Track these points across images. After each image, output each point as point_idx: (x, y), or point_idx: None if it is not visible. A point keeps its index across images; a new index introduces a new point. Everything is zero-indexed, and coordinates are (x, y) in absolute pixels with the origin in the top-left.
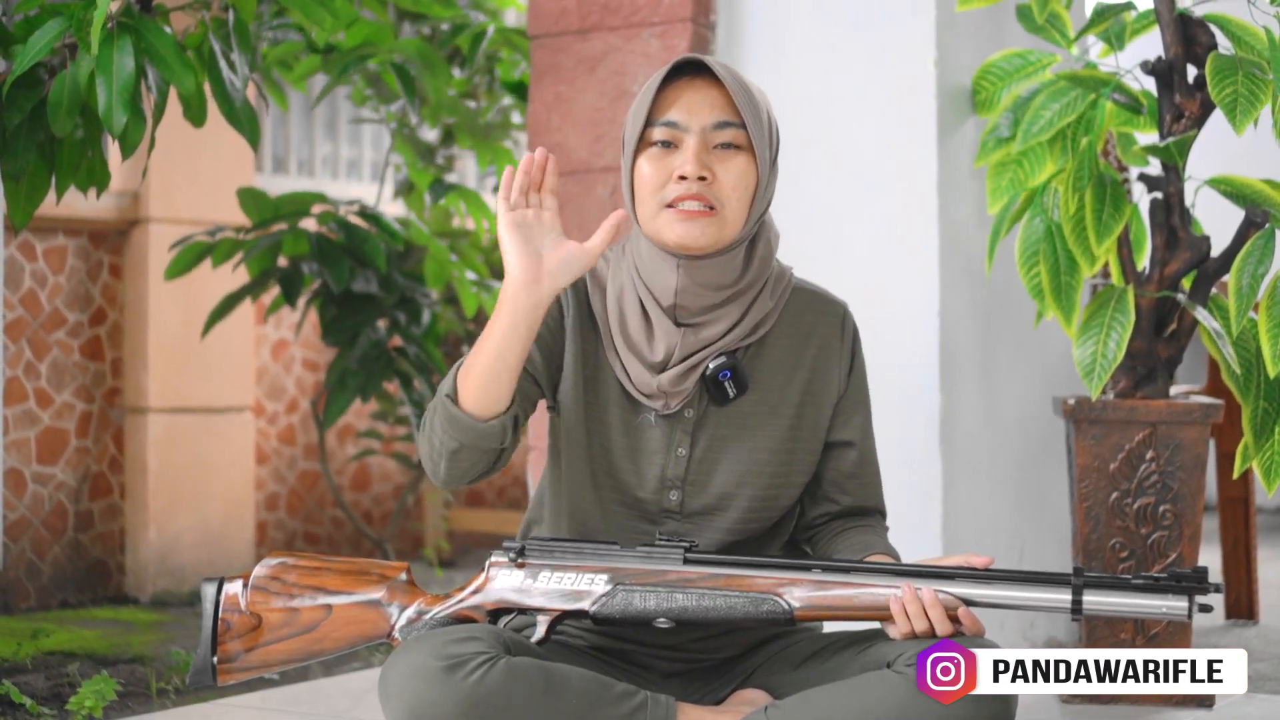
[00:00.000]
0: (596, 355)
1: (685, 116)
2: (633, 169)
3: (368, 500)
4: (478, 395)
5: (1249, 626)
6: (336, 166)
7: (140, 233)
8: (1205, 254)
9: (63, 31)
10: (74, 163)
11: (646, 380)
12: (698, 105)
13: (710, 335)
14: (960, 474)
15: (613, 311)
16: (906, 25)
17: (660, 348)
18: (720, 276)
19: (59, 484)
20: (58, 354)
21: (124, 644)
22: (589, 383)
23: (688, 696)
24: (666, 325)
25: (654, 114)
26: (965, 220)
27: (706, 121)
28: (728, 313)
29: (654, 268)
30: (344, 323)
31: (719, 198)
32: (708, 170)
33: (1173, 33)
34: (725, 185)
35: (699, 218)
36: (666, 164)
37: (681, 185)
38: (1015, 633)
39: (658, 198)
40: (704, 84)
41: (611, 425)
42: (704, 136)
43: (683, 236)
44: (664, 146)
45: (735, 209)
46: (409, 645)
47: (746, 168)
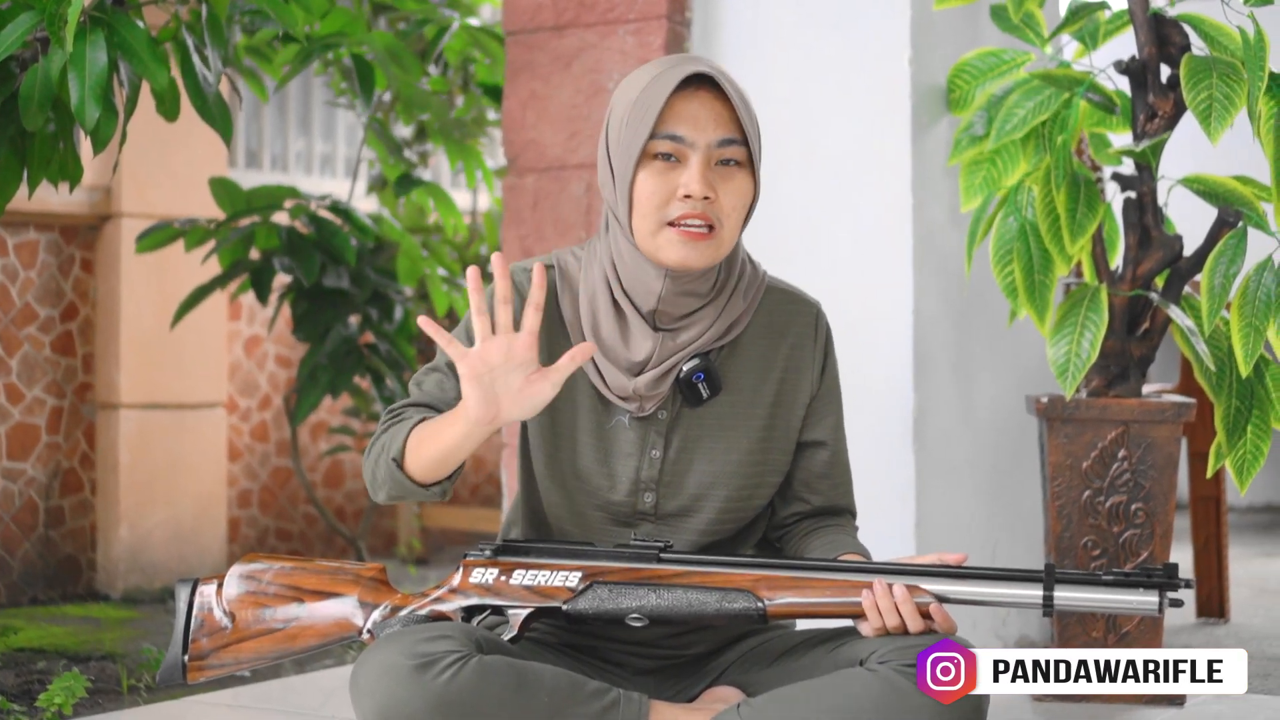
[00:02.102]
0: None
1: (691, 132)
2: (633, 181)
3: (340, 497)
4: (425, 471)
5: (1220, 625)
6: (310, 162)
7: (112, 227)
8: (1178, 253)
9: (34, 25)
10: (45, 157)
11: (622, 383)
12: (704, 121)
13: (687, 339)
14: (933, 472)
15: (585, 314)
16: (882, 23)
17: (636, 351)
18: (704, 285)
19: (29, 480)
20: (29, 349)
21: (94, 641)
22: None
23: (661, 694)
24: (644, 329)
25: (659, 125)
26: (939, 218)
27: (712, 138)
28: (704, 315)
29: (637, 274)
30: (315, 318)
31: (719, 217)
32: (712, 190)
33: (1146, 32)
34: (726, 205)
35: (700, 240)
36: (669, 179)
37: (686, 204)
38: (988, 630)
39: (659, 214)
40: (709, 97)
41: (582, 429)
42: (708, 153)
43: (684, 258)
44: (665, 159)
45: (732, 227)
46: (380, 644)
47: (745, 185)
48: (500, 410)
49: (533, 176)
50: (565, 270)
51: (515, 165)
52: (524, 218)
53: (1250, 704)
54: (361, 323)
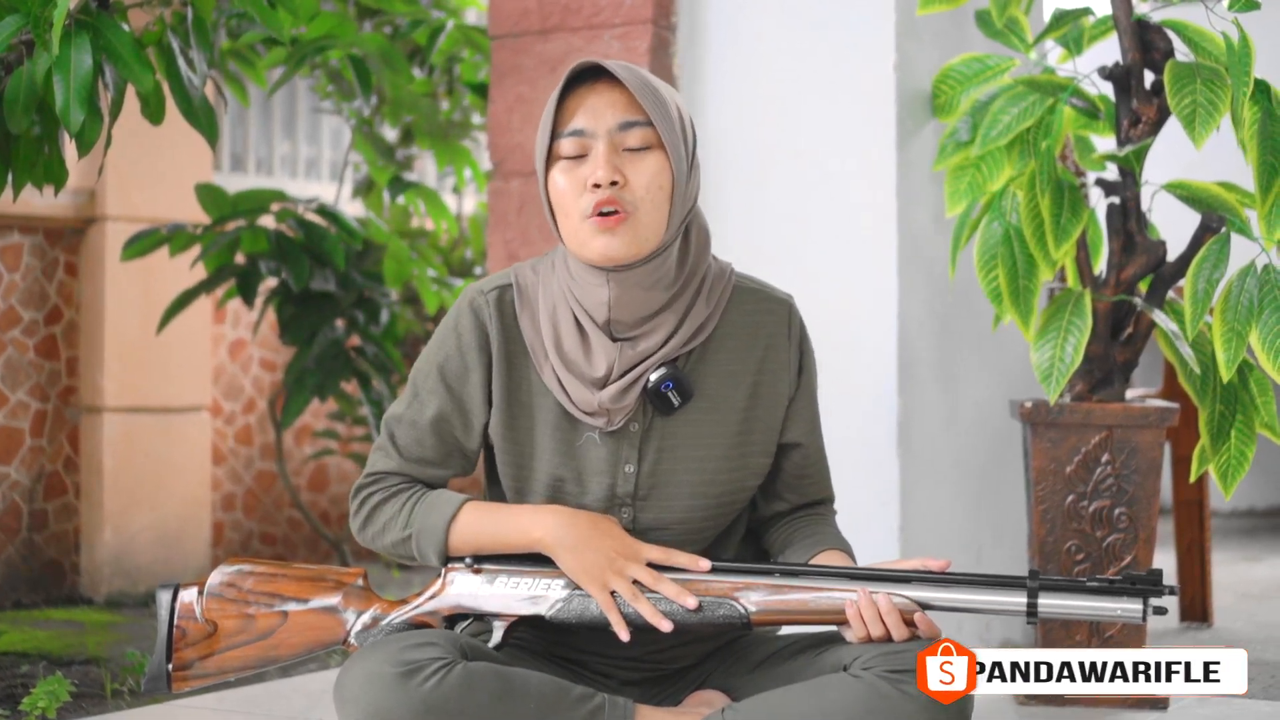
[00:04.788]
0: (528, 382)
1: (590, 122)
2: (547, 185)
3: (325, 501)
4: (465, 549)
5: (1203, 629)
6: (295, 165)
7: (97, 231)
8: (1161, 258)
9: (19, 28)
10: (30, 160)
11: (587, 398)
12: (600, 109)
13: (648, 347)
14: (918, 477)
15: (546, 332)
16: (867, 29)
17: (599, 364)
18: (652, 284)
19: (13, 483)
20: (13, 352)
21: (78, 645)
22: (521, 411)
23: (646, 701)
24: (603, 341)
25: (559, 126)
26: (924, 223)
27: (611, 124)
28: (664, 321)
29: (584, 283)
30: (302, 322)
31: (633, 201)
32: (619, 174)
33: (1130, 38)
34: (639, 188)
35: (615, 226)
36: (579, 175)
37: (596, 193)
38: (972, 634)
39: (577, 210)
40: (605, 87)
41: (548, 450)
42: (611, 140)
43: (604, 249)
44: (574, 159)
45: (652, 211)
46: (365, 651)
47: (660, 167)
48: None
49: (518, 180)
50: (523, 289)
51: (501, 169)
52: (509, 222)
53: (1234, 707)
54: (348, 326)
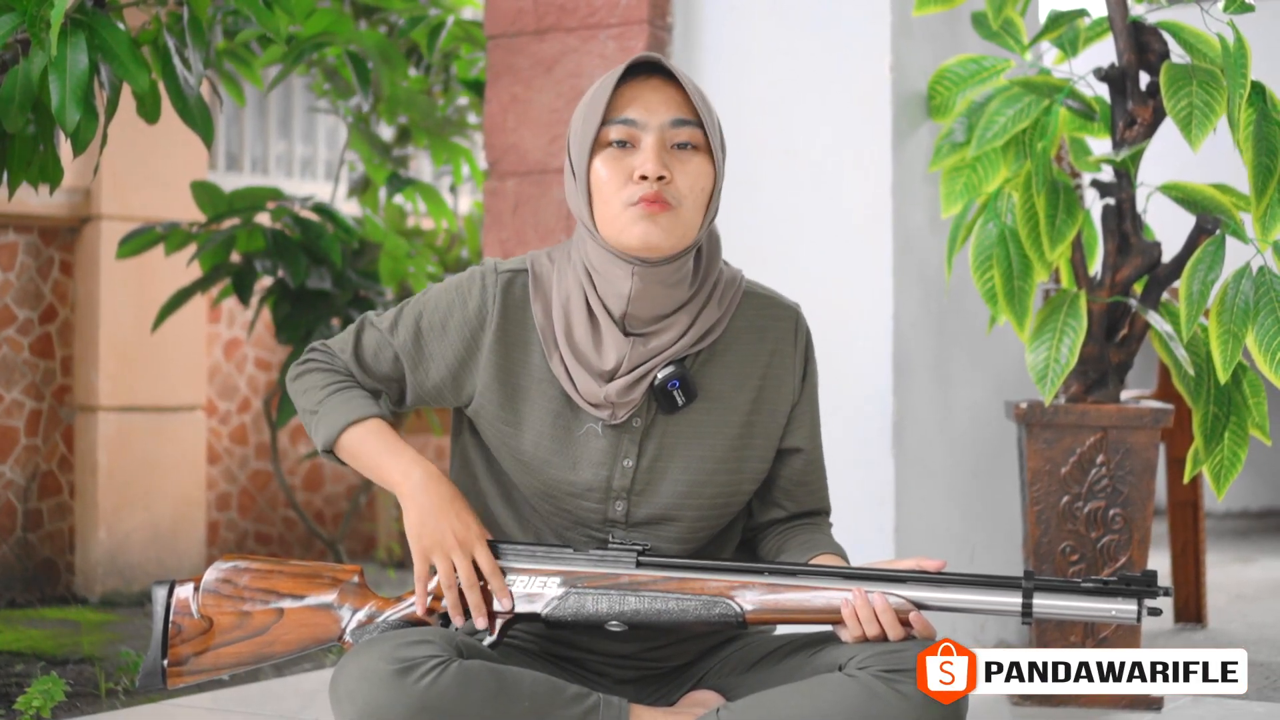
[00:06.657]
0: (527, 368)
1: (643, 114)
2: (589, 170)
3: (320, 500)
4: (346, 456)
5: (1197, 630)
6: (290, 164)
7: (92, 230)
8: (1156, 260)
9: (15, 26)
10: (26, 158)
11: (594, 390)
12: (655, 104)
13: (660, 344)
14: (913, 477)
15: (558, 320)
16: (862, 30)
17: (609, 357)
18: (675, 282)
19: (7, 482)
20: (7, 351)
21: (73, 644)
22: (518, 395)
23: (641, 701)
24: (615, 335)
25: (610, 113)
26: (919, 225)
27: (664, 119)
28: (677, 320)
29: (608, 274)
30: (297, 320)
31: (677, 197)
32: (667, 170)
33: (1126, 40)
34: (683, 185)
35: (660, 213)
36: (625, 164)
37: (642, 185)
38: (966, 635)
39: (619, 198)
40: (659, 83)
41: (547, 438)
42: (662, 135)
43: (645, 235)
44: (620, 146)
45: (692, 209)
46: (360, 648)
47: (703, 168)
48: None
49: (514, 180)
50: (538, 275)
51: (496, 169)
52: (505, 221)
53: (1227, 707)
54: (343, 325)
